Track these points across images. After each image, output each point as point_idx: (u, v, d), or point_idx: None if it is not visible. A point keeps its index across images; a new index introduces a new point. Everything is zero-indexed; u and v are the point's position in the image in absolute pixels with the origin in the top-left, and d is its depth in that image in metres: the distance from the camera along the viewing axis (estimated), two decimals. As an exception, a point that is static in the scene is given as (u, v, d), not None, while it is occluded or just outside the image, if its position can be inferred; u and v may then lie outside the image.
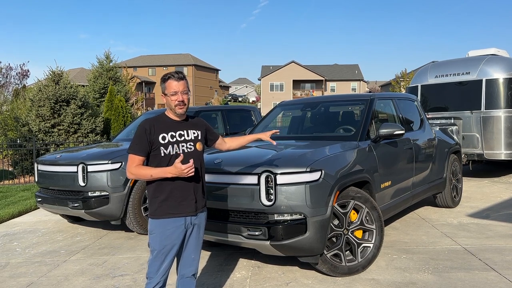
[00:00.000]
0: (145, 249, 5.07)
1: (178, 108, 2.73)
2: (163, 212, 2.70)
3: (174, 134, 2.74)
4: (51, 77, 12.45)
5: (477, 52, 10.31)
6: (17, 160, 11.76)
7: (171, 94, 2.72)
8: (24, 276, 4.37)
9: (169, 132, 2.73)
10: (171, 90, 2.72)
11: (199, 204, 2.81)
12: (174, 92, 2.71)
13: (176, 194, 2.70)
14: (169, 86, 2.73)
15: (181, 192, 2.71)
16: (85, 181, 5.39)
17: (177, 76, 2.74)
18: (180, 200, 2.71)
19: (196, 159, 2.74)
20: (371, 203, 4.09)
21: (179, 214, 2.71)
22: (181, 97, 2.72)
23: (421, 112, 6.35)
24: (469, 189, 8.04)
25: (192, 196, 2.74)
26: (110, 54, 16.27)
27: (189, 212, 2.74)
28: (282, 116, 6.43)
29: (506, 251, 4.55)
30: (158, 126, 2.74)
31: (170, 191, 2.69)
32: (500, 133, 8.58)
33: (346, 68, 67.22)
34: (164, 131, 2.73)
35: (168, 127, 2.76)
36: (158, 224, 2.70)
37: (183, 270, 2.85)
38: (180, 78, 2.74)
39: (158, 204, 2.71)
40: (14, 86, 29.02)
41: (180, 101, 2.72)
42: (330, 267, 3.86)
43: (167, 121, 2.79)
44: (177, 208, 2.70)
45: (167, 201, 2.70)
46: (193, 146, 2.79)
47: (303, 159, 3.81)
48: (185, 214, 2.72)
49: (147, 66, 66.51)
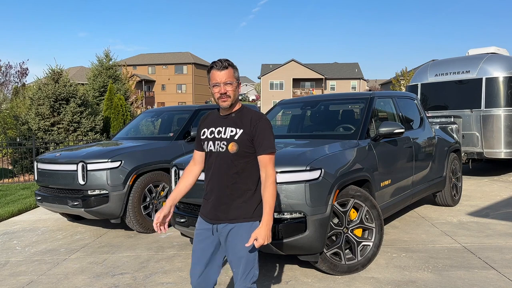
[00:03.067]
0: (145, 248, 5.07)
1: (222, 101, 2.42)
2: (200, 210, 2.58)
3: (214, 130, 2.50)
4: (51, 75, 12.44)
5: (477, 51, 10.31)
6: (17, 158, 11.76)
7: (213, 85, 2.43)
8: (24, 274, 4.37)
9: (210, 128, 2.52)
10: (213, 81, 2.42)
11: (224, 214, 2.44)
12: (216, 83, 2.41)
13: (208, 194, 2.52)
14: (212, 77, 2.43)
15: (211, 193, 2.51)
16: (85, 180, 5.39)
17: (221, 65, 2.41)
18: (208, 202, 2.51)
19: (226, 161, 2.43)
20: (370, 201, 4.09)
21: (204, 215, 2.54)
22: (223, 89, 2.40)
23: (421, 110, 6.35)
24: (469, 188, 8.04)
25: (215, 202, 2.47)
26: (110, 52, 16.25)
27: (210, 219, 2.50)
28: (282, 114, 6.43)
29: (505, 249, 4.55)
30: (208, 120, 2.57)
31: (207, 189, 2.54)
32: (500, 131, 8.58)
33: (346, 67, 67.14)
34: (207, 126, 2.54)
35: (213, 122, 2.54)
36: (198, 221, 2.59)
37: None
38: (224, 67, 2.41)
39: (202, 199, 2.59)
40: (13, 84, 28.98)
41: (223, 93, 2.40)
42: (330, 266, 3.86)
43: (215, 116, 2.57)
44: (204, 208, 2.54)
45: (204, 198, 2.56)
46: (226, 146, 2.43)
47: (303, 157, 3.81)
48: (207, 219, 2.51)
49: (146, 65, 66.43)
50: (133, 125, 7.61)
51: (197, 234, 2.56)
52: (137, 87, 50.63)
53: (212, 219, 2.48)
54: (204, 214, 2.54)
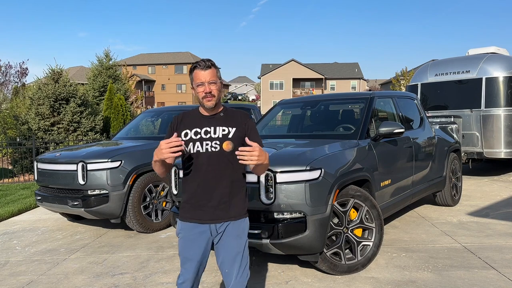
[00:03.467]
0: (144, 248, 5.07)
1: (206, 101, 2.40)
2: (183, 215, 2.46)
3: (199, 130, 2.44)
4: (51, 75, 12.44)
5: (477, 51, 10.31)
6: (17, 158, 11.76)
7: (197, 85, 2.40)
8: (24, 274, 4.37)
9: (194, 128, 2.45)
10: (197, 80, 2.40)
11: (224, 213, 2.43)
12: (201, 82, 2.39)
13: (198, 197, 2.43)
14: (195, 77, 2.41)
15: (203, 195, 2.42)
16: (85, 180, 5.39)
17: (204, 64, 2.40)
18: (200, 205, 2.43)
19: (222, 160, 2.40)
20: (370, 201, 4.09)
21: (196, 220, 2.43)
22: (208, 88, 2.39)
23: (421, 110, 6.35)
24: (469, 188, 8.04)
25: (213, 202, 2.42)
26: (110, 52, 16.25)
27: (208, 220, 2.43)
28: (282, 114, 6.43)
29: (505, 249, 4.55)
30: (186, 121, 2.49)
31: (193, 192, 2.44)
32: (500, 131, 8.58)
33: (346, 67, 67.13)
34: (189, 127, 2.46)
35: (195, 122, 2.47)
36: (180, 226, 2.48)
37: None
38: (208, 66, 2.40)
39: (181, 204, 2.50)
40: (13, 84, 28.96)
41: (207, 93, 2.39)
42: (330, 266, 3.86)
43: (196, 116, 2.50)
44: (195, 212, 2.44)
45: (188, 203, 2.46)
46: (219, 145, 2.40)
47: (303, 157, 3.81)
48: (203, 222, 2.43)
49: (146, 65, 66.47)
50: (133, 125, 7.61)
51: (187, 240, 2.47)
52: (137, 87, 50.62)
53: (212, 219, 2.43)
54: (196, 218, 2.44)
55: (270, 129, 5.91)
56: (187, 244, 2.47)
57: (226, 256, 2.46)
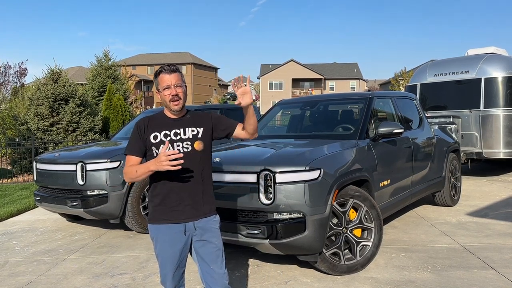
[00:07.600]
0: (144, 248, 5.07)
1: (173, 104, 2.48)
2: (157, 217, 2.51)
3: (168, 132, 2.50)
4: (50, 75, 12.42)
5: (476, 51, 10.31)
6: (16, 158, 11.75)
7: (163, 88, 2.47)
8: (23, 275, 4.36)
9: (163, 131, 2.50)
10: (163, 84, 2.47)
11: (199, 210, 2.51)
12: (167, 86, 2.46)
13: (172, 198, 2.48)
14: (161, 80, 2.48)
15: (177, 195, 2.48)
16: (84, 180, 5.38)
17: (169, 68, 2.49)
18: (175, 205, 2.48)
19: (194, 160, 2.48)
20: (370, 201, 4.09)
21: (172, 220, 2.48)
22: (174, 91, 2.46)
23: (420, 110, 6.35)
24: (468, 188, 8.05)
25: (187, 201, 2.48)
26: (109, 52, 16.22)
27: (185, 219, 2.49)
28: (281, 114, 6.43)
29: (504, 249, 4.55)
30: (153, 124, 2.53)
31: (166, 194, 2.48)
32: (499, 131, 8.59)
33: (345, 67, 67.17)
34: (157, 129, 2.51)
35: (163, 125, 2.52)
36: (155, 230, 2.53)
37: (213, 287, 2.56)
38: (172, 70, 2.49)
39: (153, 208, 2.53)
40: (12, 84, 28.98)
41: (174, 95, 2.46)
42: (329, 266, 3.86)
43: (163, 119, 2.56)
44: (171, 214, 2.48)
45: (161, 205, 2.50)
46: (191, 146, 2.49)
47: (302, 157, 3.81)
48: (179, 221, 2.49)
49: (146, 65, 66.43)
50: (132, 125, 7.61)
51: (164, 242, 2.50)
52: (136, 87, 50.57)
53: (188, 217, 2.49)
54: (173, 218, 2.49)
55: (270, 129, 5.91)
56: (165, 246, 2.51)
57: (210, 252, 2.53)
